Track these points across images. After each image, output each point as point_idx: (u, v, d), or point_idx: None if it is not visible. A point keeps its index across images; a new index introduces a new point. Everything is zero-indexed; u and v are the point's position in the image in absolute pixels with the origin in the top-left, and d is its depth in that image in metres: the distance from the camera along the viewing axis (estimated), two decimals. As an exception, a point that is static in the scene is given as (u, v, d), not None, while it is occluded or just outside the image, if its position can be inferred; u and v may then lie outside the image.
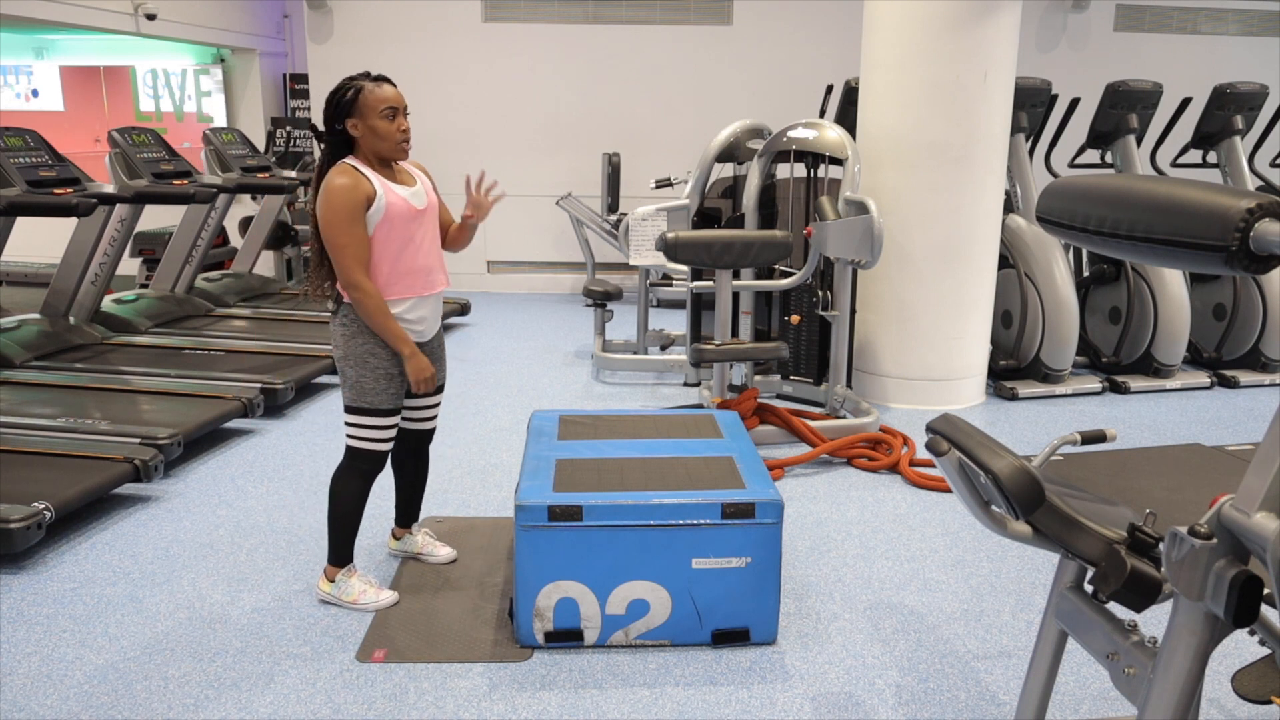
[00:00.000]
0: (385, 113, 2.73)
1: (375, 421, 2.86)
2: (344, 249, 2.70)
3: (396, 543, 3.30)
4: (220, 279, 7.03)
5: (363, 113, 2.73)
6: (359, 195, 2.70)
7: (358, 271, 2.72)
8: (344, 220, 2.68)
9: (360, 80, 2.75)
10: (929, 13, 4.70)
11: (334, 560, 2.97)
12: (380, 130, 2.74)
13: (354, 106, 2.73)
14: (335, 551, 2.96)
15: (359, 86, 2.74)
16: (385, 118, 2.73)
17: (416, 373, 2.82)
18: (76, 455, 3.70)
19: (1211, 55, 8.55)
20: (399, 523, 3.29)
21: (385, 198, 2.75)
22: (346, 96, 2.73)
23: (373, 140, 2.75)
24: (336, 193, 2.68)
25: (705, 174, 5.52)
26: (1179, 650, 1.44)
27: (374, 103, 2.72)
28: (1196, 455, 2.18)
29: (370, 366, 2.81)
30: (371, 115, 2.73)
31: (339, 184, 2.69)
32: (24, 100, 9.63)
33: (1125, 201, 1.35)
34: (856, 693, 2.56)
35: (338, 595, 2.96)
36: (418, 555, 3.27)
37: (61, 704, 2.46)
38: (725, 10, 8.19)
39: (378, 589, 2.98)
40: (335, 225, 2.69)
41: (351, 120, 2.74)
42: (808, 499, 3.87)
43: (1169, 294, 5.50)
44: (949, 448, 1.65)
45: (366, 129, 2.74)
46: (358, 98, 2.72)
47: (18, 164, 4.77)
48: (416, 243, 2.84)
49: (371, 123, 2.73)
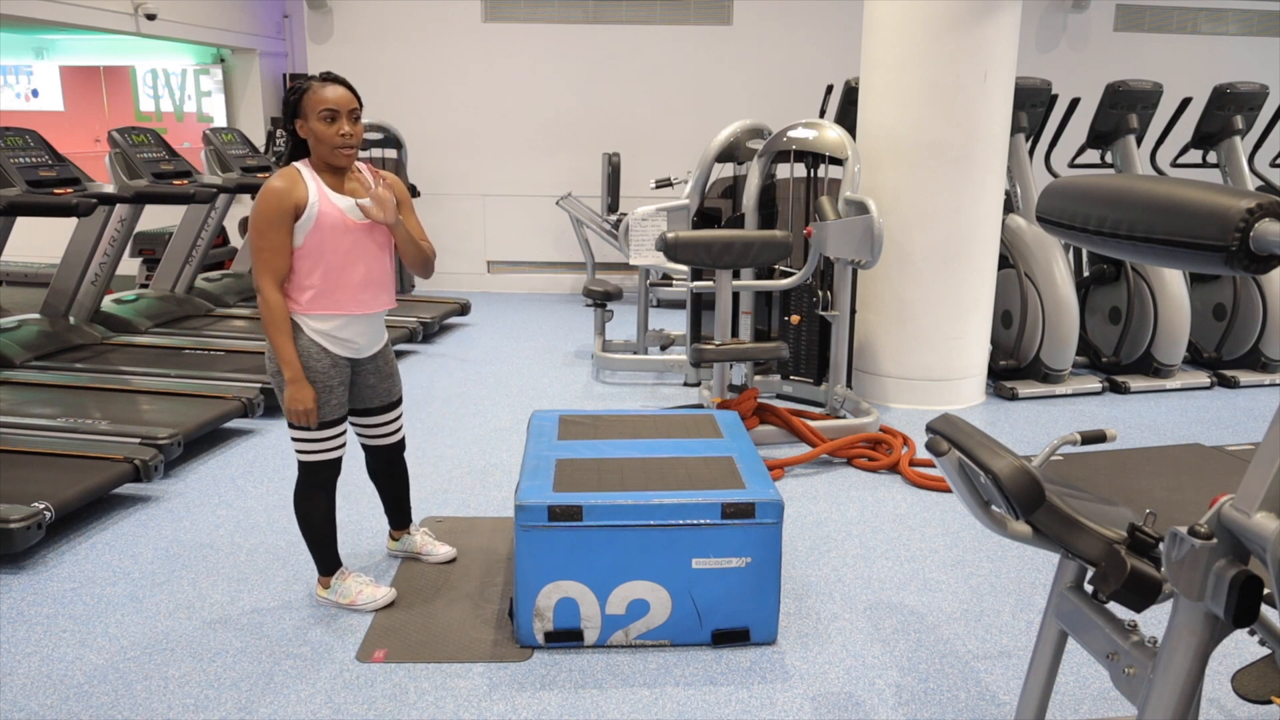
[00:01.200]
0: (324, 115, 2.60)
1: (322, 434, 2.77)
2: (259, 252, 2.62)
3: (395, 544, 3.28)
4: (220, 279, 7.03)
5: (305, 114, 2.62)
6: (287, 201, 2.60)
7: (265, 278, 2.62)
8: (265, 224, 2.60)
9: (309, 80, 2.64)
10: (929, 13, 4.70)
11: (323, 570, 2.95)
12: (319, 133, 2.61)
13: (299, 107, 2.63)
14: (321, 564, 2.94)
15: (305, 87, 2.62)
16: (324, 120, 2.60)
17: (292, 402, 2.67)
18: (76, 455, 3.70)
19: (1211, 55, 8.55)
20: (394, 525, 3.26)
21: (318, 206, 2.63)
22: (292, 98, 2.64)
23: (314, 143, 2.65)
24: (266, 195, 2.60)
25: (705, 174, 5.52)
26: (1179, 650, 1.44)
27: (314, 103, 2.60)
28: (1196, 455, 2.18)
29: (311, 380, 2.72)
30: (312, 117, 2.61)
31: (272, 186, 2.60)
32: (24, 100, 9.63)
33: (1125, 201, 1.35)
34: (856, 693, 2.56)
35: (335, 599, 2.95)
36: (418, 555, 3.26)
37: (61, 704, 2.46)
38: (725, 10, 8.19)
39: (375, 586, 2.97)
40: (256, 227, 2.61)
41: (299, 120, 2.64)
42: (808, 499, 3.87)
43: (1169, 294, 5.50)
44: (949, 448, 1.65)
45: (309, 131, 2.63)
46: (301, 99, 2.62)
47: (18, 164, 4.77)
48: (353, 258, 2.72)
49: (311, 124, 2.62)
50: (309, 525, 2.87)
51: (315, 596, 3.01)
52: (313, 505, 2.85)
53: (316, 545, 2.90)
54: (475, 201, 8.50)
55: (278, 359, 2.68)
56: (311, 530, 2.88)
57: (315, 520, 2.87)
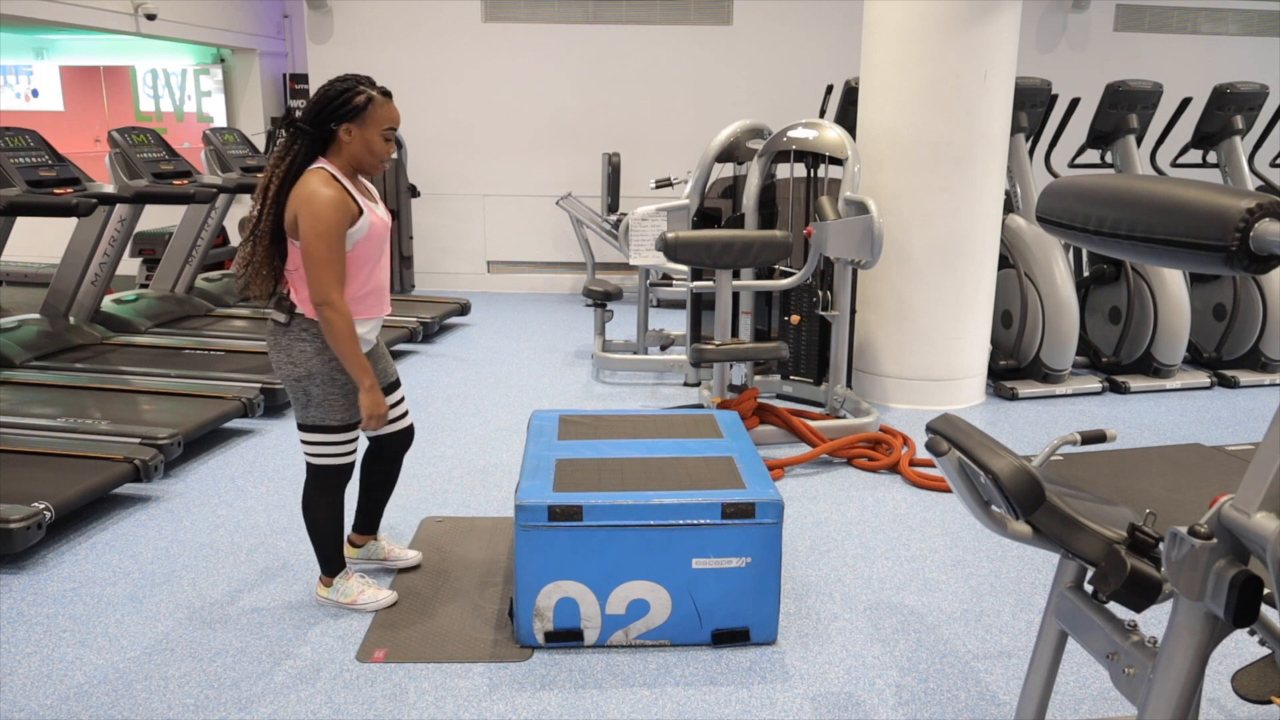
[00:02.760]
0: (387, 131, 2.65)
1: (342, 438, 2.78)
2: (328, 264, 2.55)
3: (358, 550, 3.16)
4: (220, 279, 7.03)
5: (365, 123, 2.62)
6: (346, 212, 2.58)
7: (336, 290, 2.58)
8: (335, 234, 2.55)
9: (369, 88, 2.63)
10: (929, 13, 4.70)
11: (327, 571, 2.94)
12: (375, 146, 2.64)
13: (359, 115, 2.60)
14: (326, 564, 2.93)
15: (370, 95, 2.62)
16: (384, 136, 2.65)
17: (372, 407, 2.69)
18: (76, 455, 3.70)
19: (1211, 55, 8.55)
20: (366, 530, 3.16)
21: (368, 216, 2.66)
22: (355, 101, 2.60)
23: (361, 152, 2.64)
24: (327, 205, 2.53)
25: (705, 174, 5.52)
26: (1179, 650, 1.44)
27: (380, 118, 2.63)
28: (1196, 455, 2.18)
29: (339, 384, 2.72)
30: (373, 129, 2.63)
31: (328, 196, 2.54)
32: (24, 100, 9.63)
33: (1125, 201, 1.35)
34: (856, 693, 2.56)
35: (337, 598, 2.94)
36: (384, 560, 3.17)
37: (61, 704, 2.46)
38: (725, 10, 8.19)
39: (376, 588, 2.97)
40: (324, 238, 2.53)
41: (349, 125, 2.61)
42: (808, 499, 3.87)
43: (1169, 294, 5.50)
44: (949, 448, 1.65)
45: (361, 139, 2.63)
46: (367, 107, 2.61)
47: (18, 164, 4.77)
48: (383, 262, 2.77)
49: (370, 136, 2.63)
50: (319, 525, 2.86)
51: (316, 596, 3.01)
52: (325, 506, 2.84)
53: (323, 545, 2.90)
54: (475, 201, 8.50)
55: (353, 370, 2.65)
56: (320, 532, 2.87)
57: (326, 520, 2.86)
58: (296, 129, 2.63)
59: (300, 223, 2.56)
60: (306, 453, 2.80)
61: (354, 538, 3.17)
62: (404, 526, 3.54)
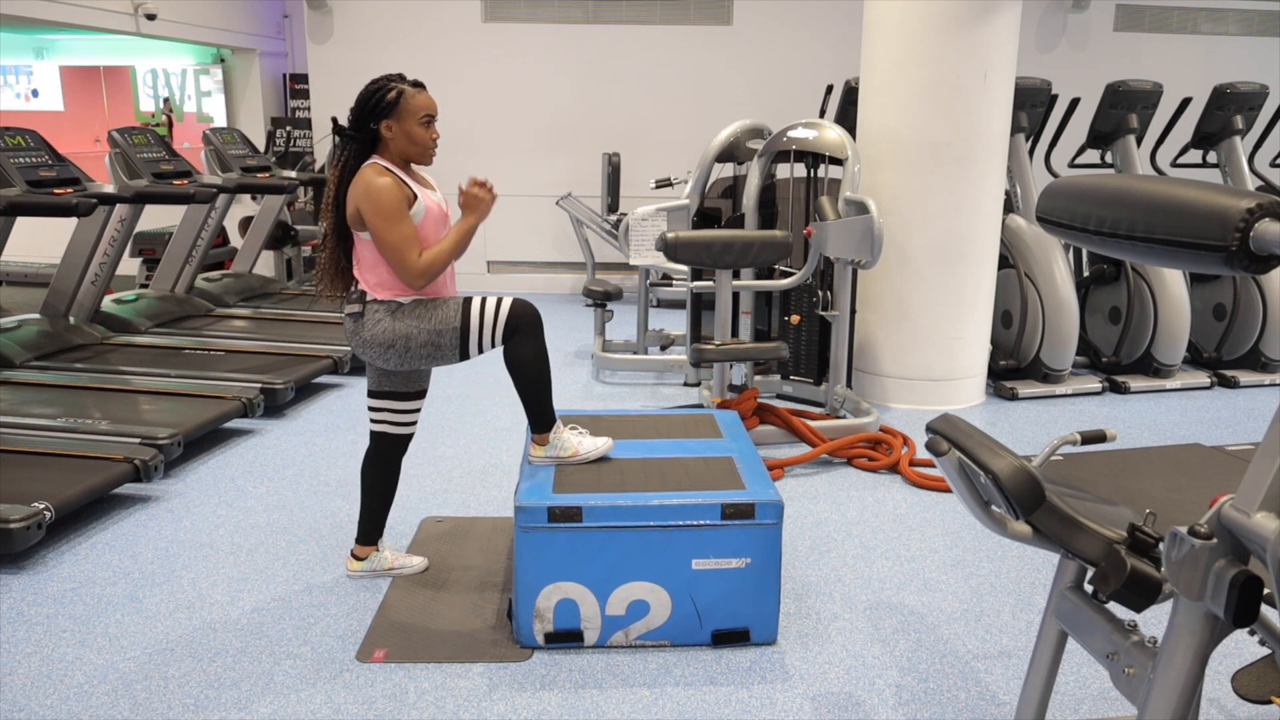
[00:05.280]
0: (423, 119, 2.77)
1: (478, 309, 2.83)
2: (406, 239, 2.71)
3: (361, 564, 3.11)
4: (220, 279, 7.02)
5: (401, 116, 2.75)
6: (402, 195, 2.73)
7: (420, 261, 2.74)
8: (396, 212, 2.69)
9: (399, 83, 2.76)
10: (929, 13, 4.69)
11: (539, 427, 2.90)
12: (416, 136, 2.77)
13: (394, 109, 2.74)
14: (539, 418, 2.90)
15: (400, 89, 2.74)
16: (423, 124, 2.77)
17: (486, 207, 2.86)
18: (76, 455, 3.69)
19: (1211, 55, 8.55)
20: (366, 539, 3.11)
21: (423, 200, 2.78)
22: (387, 98, 2.73)
23: (405, 144, 2.78)
24: (385, 190, 2.68)
25: (705, 174, 5.52)
26: (1179, 650, 1.44)
27: (414, 108, 2.75)
28: (1196, 455, 2.18)
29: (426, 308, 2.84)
30: (410, 120, 2.75)
31: (383, 182, 2.69)
32: (24, 100, 9.63)
33: (1125, 201, 1.35)
34: (856, 693, 2.56)
35: (555, 453, 2.90)
36: (389, 570, 3.12)
37: (61, 704, 2.46)
38: (725, 10, 8.19)
39: (591, 437, 2.96)
40: (388, 218, 2.69)
41: (387, 121, 2.75)
42: (808, 499, 3.87)
43: (1169, 294, 5.50)
44: (949, 448, 1.65)
45: (401, 132, 2.76)
46: (399, 101, 2.74)
47: (18, 164, 4.77)
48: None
49: (408, 127, 2.76)
50: (529, 372, 2.84)
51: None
52: (533, 349, 2.83)
53: (538, 394, 2.87)
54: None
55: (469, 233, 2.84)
56: (533, 377, 2.85)
57: (535, 364, 2.84)
58: (343, 136, 2.79)
59: (364, 215, 2.71)
60: (490, 344, 2.85)
61: (356, 550, 3.14)
62: (404, 527, 3.54)
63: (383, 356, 2.84)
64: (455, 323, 2.81)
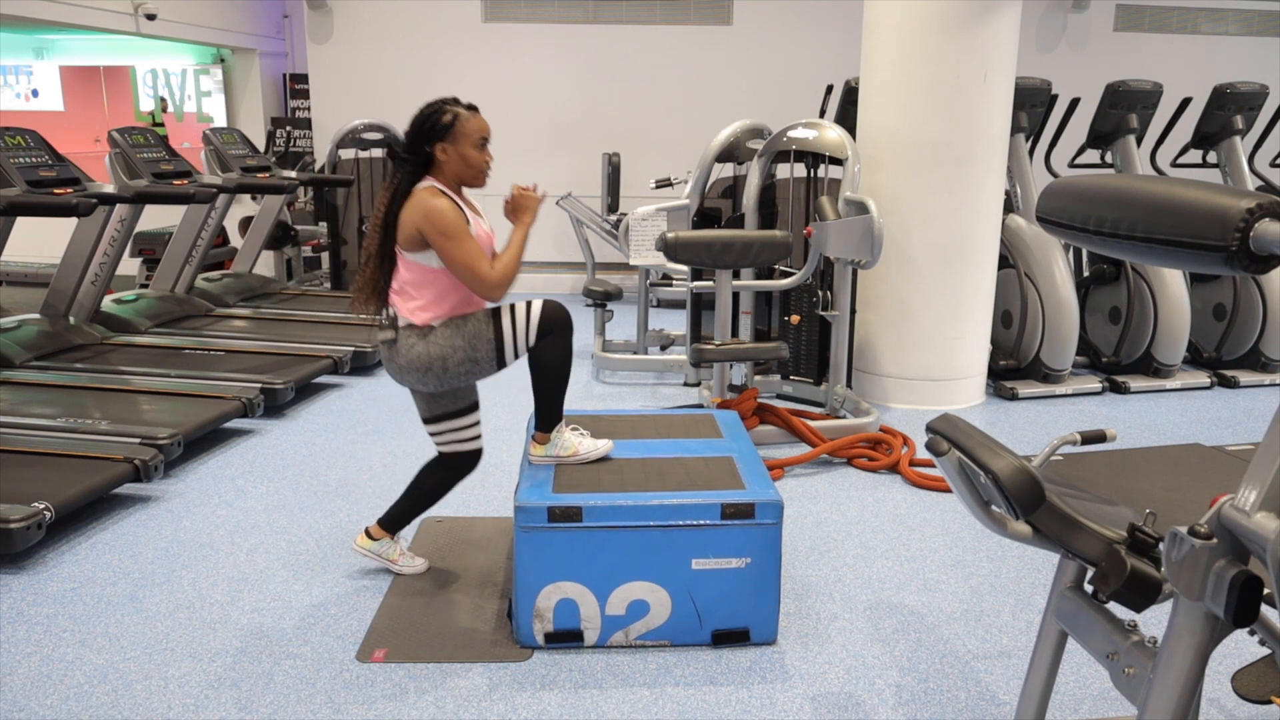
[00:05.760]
0: (478, 142, 2.79)
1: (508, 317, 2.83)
2: (477, 254, 2.72)
3: (370, 543, 3.12)
4: (220, 279, 7.02)
5: (456, 139, 2.77)
6: (460, 215, 2.73)
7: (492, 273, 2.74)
8: (459, 230, 2.70)
9: (454, 106, 2.78)
10: (929, 13, 4.69)
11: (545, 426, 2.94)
12: (471, 159, 2.79)
13: (449, 132, 2.76)
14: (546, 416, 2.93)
15: (455, 112, 2.77)
16: (477, 147, 2.79)
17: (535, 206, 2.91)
18: (76, 455, 3.69)
19: (1211, 55, 8.55)
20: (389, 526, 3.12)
21: (474, 226, 2.79)
22: (443, 120, 2.75)
23: (460, 167, 2.80)
24: (446, 210, 2.69)
25: (705, 174, 5.52)
26: (1179, 650, 1.44)
27: (470, 131, 2.77)
28: (1196, 455, 2.18)
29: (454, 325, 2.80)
30: (465, 143, 2.77)
31: (442, 204, 2.70)
32: (24, 100, 9.63)
33: (1125, 201, 1.35)
34: (856, 693, 2.56)
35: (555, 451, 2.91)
36: (390, 563, 3.13)
37: (61, 704, 2.46)
38: (725, 10, 8.19)
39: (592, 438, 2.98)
40: (458, 236, 2.70)
41: (442, 145, 2.76)
42: (808, 499, 3.87)
43: (1169, 294, 5.50)
44: (949, 448, 1.65)
45: (456, 155, 2.78)
46: (454, 124, 2.76)
47: (18, 164, 4.77)
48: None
49: (463, 150, 2.78)
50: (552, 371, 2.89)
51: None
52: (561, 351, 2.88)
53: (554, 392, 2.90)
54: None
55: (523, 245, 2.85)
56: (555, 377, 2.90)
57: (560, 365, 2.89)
58: (398, 159, 2.81)
59: (427, 236, 2.72)
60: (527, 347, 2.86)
61: (372, 530, 3.13)
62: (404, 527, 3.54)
63: (421, 380, 2.84)
64: (488, 334, 2.81)
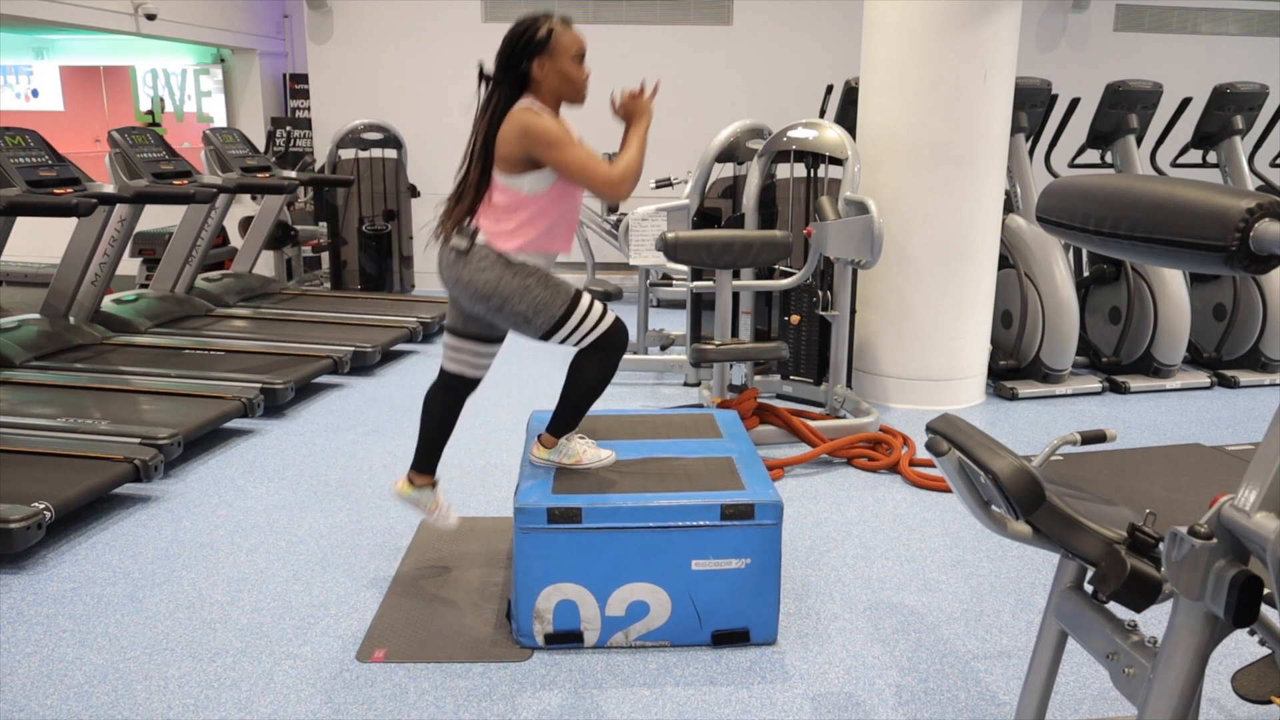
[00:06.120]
0: (577, 56, 2.65)
1: (580, 313, 2.70)
2: (590, 156, 2.58)
3: (412, 490, 3.00)
4: (220, 279, 7.02)
5: (553, 53, 2.61)
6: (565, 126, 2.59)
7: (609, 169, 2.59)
8: (570, 138, 2.57)
9: (548, 20, 2.61)
10: (929, 13, 4.69)
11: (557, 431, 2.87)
12: (569, 73, 2.64)
13: (545, 46, 2.59)
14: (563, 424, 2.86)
15: (550, 26, 2.61)
16: (576, 61, 2.65)
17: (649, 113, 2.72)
18: (76, 455, 3.69)
19: (1211, 55, 8.55)
20: (424, 468, 3.00)
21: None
22: (539, 35, 2.59)
23: (557, 82, 2.64)
24: (549, 123, 2.56)
25: (705, 174, 5.52)
26: (1179, 650, 1.43)
27: (567, 44, 2.62)
28: (1196, 455, 2.18)
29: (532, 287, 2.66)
30: (563, 57, 2.62)
31: (545, 119, 2.56)
32: (24, 100, 9.63)
33: (1125, 201, 1.35)
34: (856, 693, 2.56)
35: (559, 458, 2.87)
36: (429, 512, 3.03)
37: (61, 704, 2.46)
38: (725, 10, 8.19)
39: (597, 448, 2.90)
40: (566, 144, 2.56)
41: (539, 59, 2.61)
42: (808, 499, 3.87)
43: (1169, 294, 5.50)
44: (949, 448, 1.65)
45: (554, 70, 2.62)
46: (551, 38, 2.60)
47: (18, 164, 4.77)
48: (578, 200, 2.77)
49: (561, 64, 2.62)
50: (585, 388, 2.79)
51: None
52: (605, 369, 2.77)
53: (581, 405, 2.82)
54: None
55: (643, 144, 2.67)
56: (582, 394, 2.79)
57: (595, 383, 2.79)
58: (490, 81, 2.66)
59: (534, 152, 2.58)
60: (579, 342, 2.74)
61: (414, 476, 3.01)
62: (403, 527, 3.54)
63: (472, 302, 2.72)
64: (557, 311, 2.68)
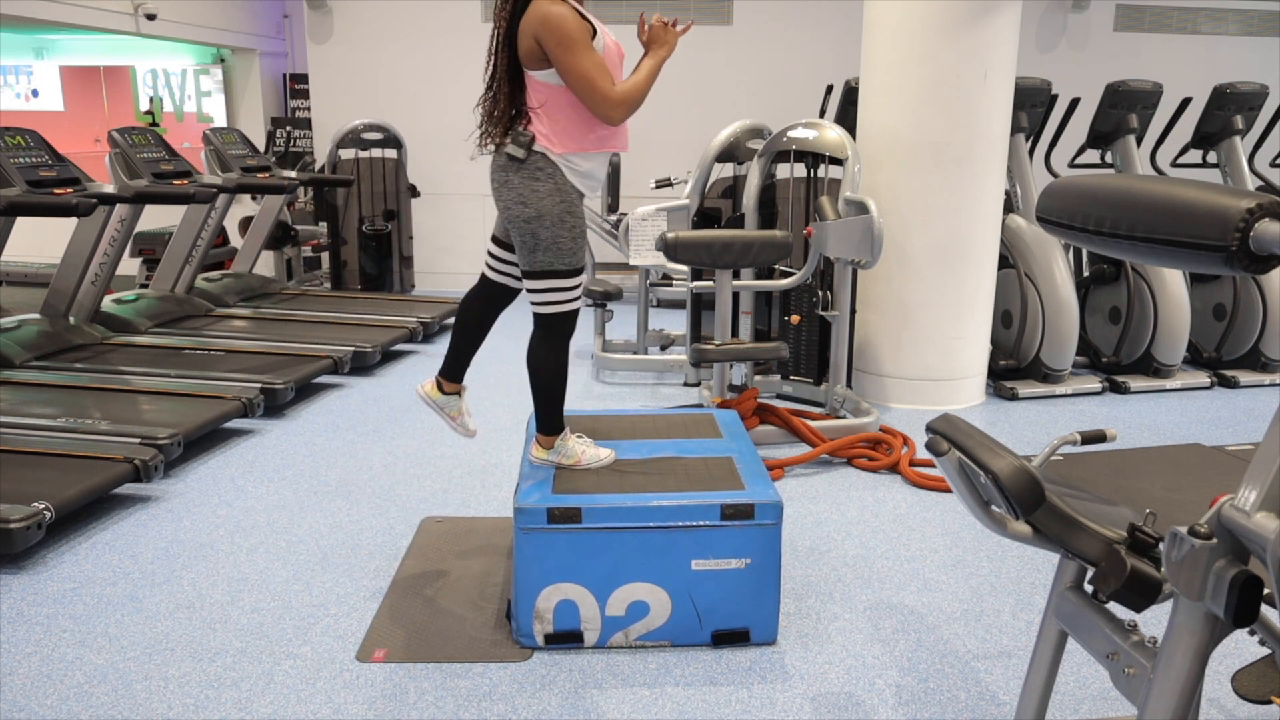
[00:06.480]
0: None
1: (571, 282, 2.74)
2: (598, 66, 2.53)
3: (440, 395, 3.01)
4: (220, 279, 7.02)
5: None
6: (584, 25, 2.53)
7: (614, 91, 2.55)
8: (581, 39, 2.50)
9: None
10: (929, 13, 4.69)
11: (547, 430, 2.88)
12: None
13: None
14: (548, 422, 2.86)
15: None
16: None
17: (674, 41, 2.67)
18: (76, 455, 3.69)
19: (1211, 55, 8.55)
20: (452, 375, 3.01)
21: (602, 37, 2.60)
22: None
23: None
24: (566, 17, 2.49)
25: (705, 174, 5.52)
26: (1179, 650, 1.43)
27: None
28: (1196, 455, 2.18)
29: (568, 225, 2.66)
30: None
31: (561, 10, 2.50)
32: (24, 100, 9.63)
33: (1125, 201, 1.35)
34: (856, 693, 2.56)
35: (557, 460, 2.89)
36: (452, 418, 3.03)
37: (61, 704, 2.46)
38: (725, 10, 8.19)
39: (595, 447, 2.93)
40: (578, 47, 2.50)
41: None
42: (808, 499, 3.87)
43: (1169, 294, 5.50)
44: (949, 448, 1.65)
45: None
46: None
47: (18, 164, 4.77)
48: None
49: None
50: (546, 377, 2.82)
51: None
52: (554, 359, 2.82)
53: (548, 400, 2.84)
54: (475, 201, 8.50)
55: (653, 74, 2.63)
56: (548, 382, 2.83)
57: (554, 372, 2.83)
58: None
59: (546, 47, 2.53)
60: (537, 302, 2.76)
61: (443, 382, 3.02)
62: (403, 527, 3.54)
63: (509, 211, 2.68)
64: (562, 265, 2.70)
